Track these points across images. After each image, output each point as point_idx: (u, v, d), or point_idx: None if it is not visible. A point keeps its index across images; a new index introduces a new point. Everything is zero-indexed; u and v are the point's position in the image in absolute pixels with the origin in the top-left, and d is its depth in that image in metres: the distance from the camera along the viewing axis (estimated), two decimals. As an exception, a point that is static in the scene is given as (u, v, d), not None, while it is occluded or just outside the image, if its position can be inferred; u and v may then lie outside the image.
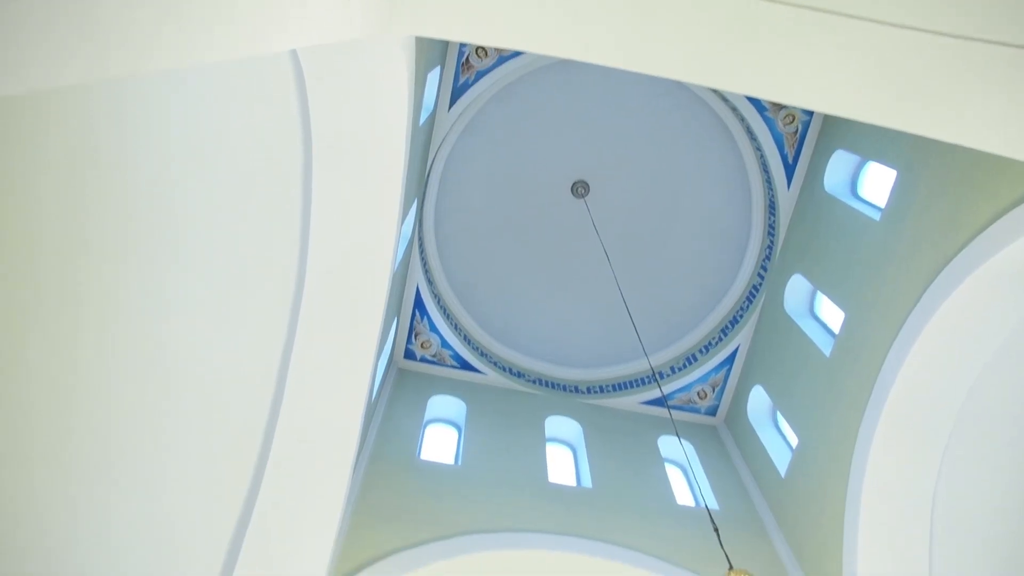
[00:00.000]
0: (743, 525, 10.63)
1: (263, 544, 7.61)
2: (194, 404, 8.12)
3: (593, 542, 9.31)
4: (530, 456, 10.99)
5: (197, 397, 8.13)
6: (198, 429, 8.06)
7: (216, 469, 7.97)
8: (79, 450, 7.84)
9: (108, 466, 7.82)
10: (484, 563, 8.88)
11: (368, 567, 8.29)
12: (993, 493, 8.87)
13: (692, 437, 12.64)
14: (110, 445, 7.90)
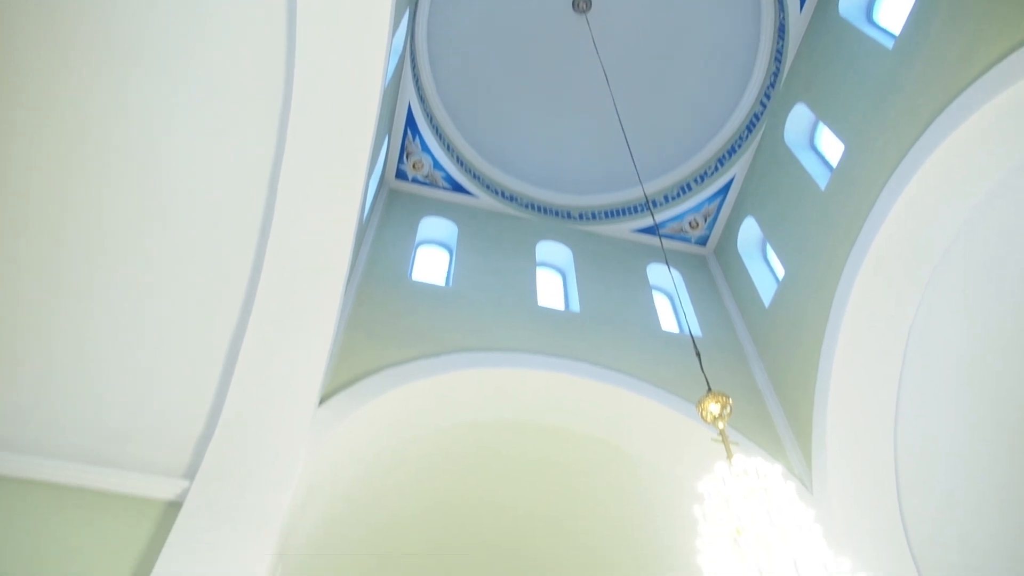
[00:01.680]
0: (724, 352, 10.98)
1: (258, 357, 7.80)
2: (186, 218, 8.04)
3: (579, 363, 9.62)
4: (520, 280, 11.12)
5: (189, 211, 8.03)
6: (190, 245, 8.03)
7: (208, 286, 8.02)
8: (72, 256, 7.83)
9: (100, 274, 7.86)
10: (472, 380, 9.19)
11: (360, 381, 8.57)
12: (965, 337, 9.11)
13: (681, 266, 12.78)
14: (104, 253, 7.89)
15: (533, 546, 11.51)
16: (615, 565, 11.11)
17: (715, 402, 5.55)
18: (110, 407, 7.55)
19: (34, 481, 7.00)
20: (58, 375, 7.56)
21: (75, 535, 6.78)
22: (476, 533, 11.38)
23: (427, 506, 10.76)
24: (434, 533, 11.18)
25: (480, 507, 10.99)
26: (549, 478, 10.54)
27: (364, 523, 10.27)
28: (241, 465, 7.31)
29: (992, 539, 8.94)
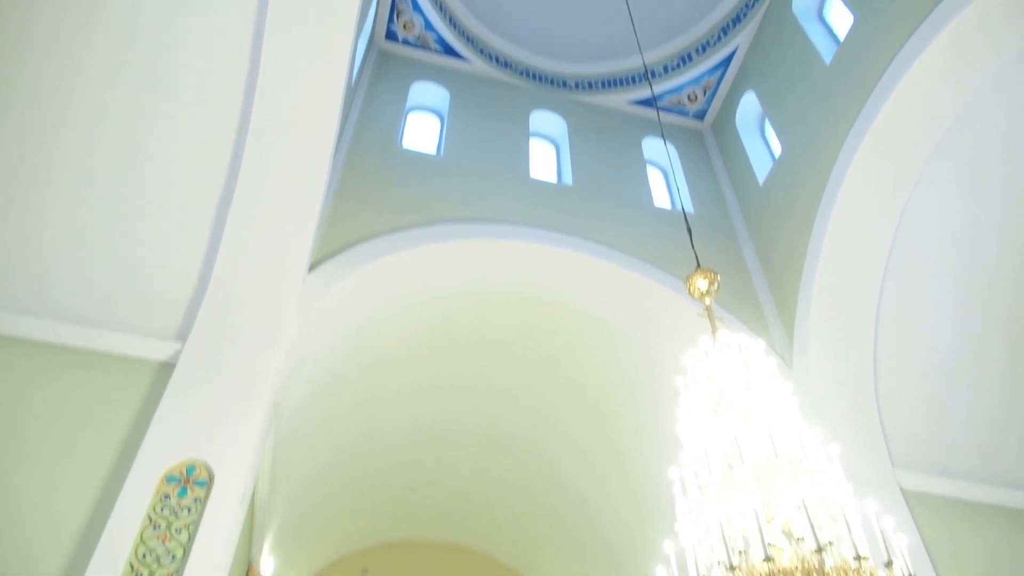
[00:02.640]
0: (716, 230, 10.97)
1: (247, 221, 7.73)
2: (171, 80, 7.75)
3: (570, 237, 9.59)
4: (513, 150, 10.92)
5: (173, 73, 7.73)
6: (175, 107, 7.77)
7: (195, 148, 7.83)
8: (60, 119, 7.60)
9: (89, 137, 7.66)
10: (462, 251, 9.18)
11: (351, 248, 8.55)
12: (958, 223, 9.09)
13: (677, 140, 12.56)
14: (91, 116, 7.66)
15: (519, 419, 11.88)
16: (601, 436, 11.52)
17: (703, 278, 5.57)
18: (100, 270, 7.53)
19: (26, 340, 7.07)
20: (48, 237, 7.49)
21: (70, 395, 6.91)
22: (464, 406, 11.72)
23: (412, 381, 11.01)
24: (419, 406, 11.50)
25: (468, 381, 11.26)
26: (536, 352, 10.74)
27: (353, 394, 10.53)
28: (232, 328, 7.38)
29: (962, 424, 9.27)
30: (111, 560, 6.18)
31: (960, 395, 9.28)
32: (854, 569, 3.66)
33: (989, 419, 9.32)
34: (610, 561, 12.75)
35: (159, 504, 6.58)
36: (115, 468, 6.67)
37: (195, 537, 6.49)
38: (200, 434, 6.79)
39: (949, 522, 8.66)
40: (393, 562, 14.24)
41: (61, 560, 6.24)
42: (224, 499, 6.68)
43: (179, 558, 6.41)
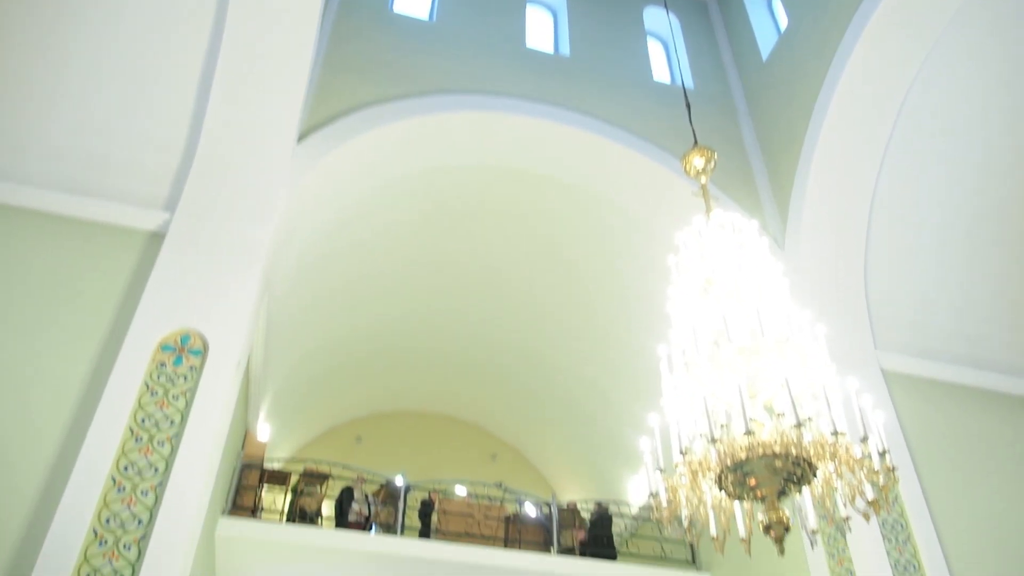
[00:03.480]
0: (715, 106, 10.72)
1: (232, 88, 7.48)
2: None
3: (565, 110, 9.36)
4: (509, 17, 10.48)
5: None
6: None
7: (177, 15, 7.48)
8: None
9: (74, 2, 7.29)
10: (454, 123, 8.98)
11: (340, 119, 8.34)
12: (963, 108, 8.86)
13: (680, 10, 12.05)
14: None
15: (510, 294, 11.98)
16: (589, 313, 11.67)
17: (700, 156, 5.47)
18: (85, 134, 7.35)
19: (9, 207, 6.99)
20: (29, 102, 7.26)
21: (61, 265, 6.90)
22: (454, 280, 11.78)
23: (402, 254, 11.00)
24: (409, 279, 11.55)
25: (459, 255, 11.27)
26: (525, 227, 10.70)
27: (344, 267, 10.55)
28: (221, 197, 7.29)
29: (947, 308, 9.39)
30: (111, 424, 6.34)
31: (947, 281, 9.36)
32: (831, 444, 3.78)
33: (973, 304, 9.46)
34: (594, 433, 13.21)
35: (155, 372, 6.70)
36: (110, 336, 6.74)
37: (192, 404, 6.65)
38: (193, 304, 6.83)
39: (925, 402, 8.93)
40: (385, 431, 14.72)
41: (62, 424, 6.40)
42: (219, 368, 6.80)
43: (177, 423, 6.58)
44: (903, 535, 7.74)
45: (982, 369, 9.43)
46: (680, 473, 3.96)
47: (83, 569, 5.87)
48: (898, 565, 7.53)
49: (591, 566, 10.22)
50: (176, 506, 6.25)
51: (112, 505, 6.15)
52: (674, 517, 4.04)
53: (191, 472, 6.37)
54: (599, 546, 10.71)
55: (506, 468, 14.59)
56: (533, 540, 10.64)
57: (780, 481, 3.78)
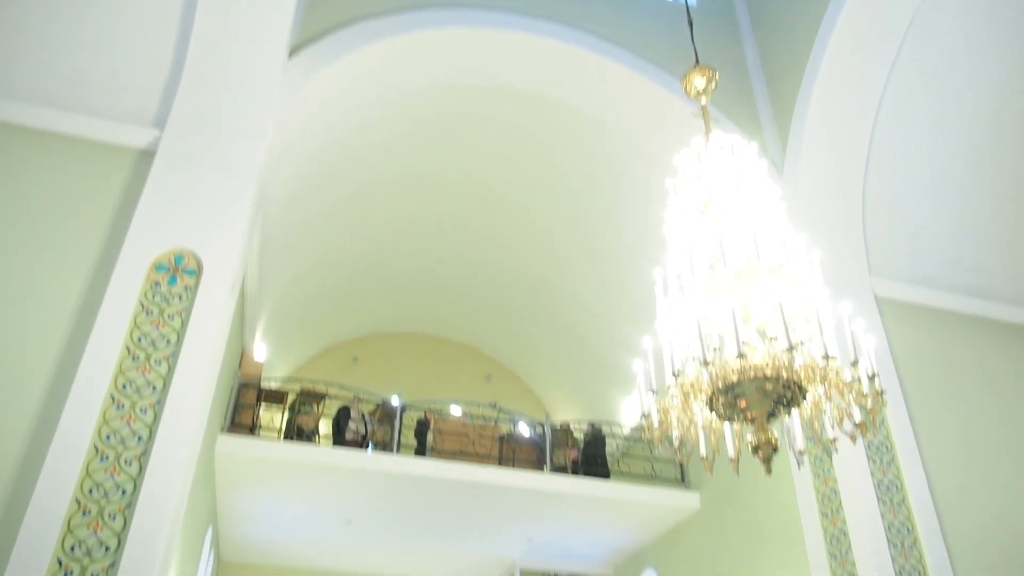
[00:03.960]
0: (718, 24, 10.44)
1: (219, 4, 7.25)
2: None
3: (564, 27, 9.11)
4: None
5: None
6: None
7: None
8: None
9: None
10: (448, 39, 8.75)
11: (332, 34, 8.12)
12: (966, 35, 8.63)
13: (683, -76, 11.64)
14: None
15: (505, 215, 11.91)
16: (585, 236, 11.63)
17: (701, 76, 5.35)
18: (71, 48, 7.14)
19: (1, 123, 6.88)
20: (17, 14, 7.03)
21: (50, 183, 6.81)
22: (449, 200, 11.69)
23: (396, 175, 10.88)
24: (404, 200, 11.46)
25: (454, 175, 11.15)
26: (522, 148, 10.56)
27: (338, 186, 10.44)
28: (212, 114, 7.14)
29: (944, 235, 9.36)
30: (108, 343, 6.37)
31: (944, 208, 9.32)
32: (821, 368, 3.82)
33: (970, 232, 9.44)
34: (588, 355, 13.37)
35: (150, 291, 6.70)
36: (103, 256, 6.71)
37: (188, 323, 6.68)
38: (186, 223, 6.79)
39: (917, 328, 9.01)
40: (381, 352, 14.87)
41: (58, 343, 6.43)
42: (214, 287, 6.80)
43: (173, 343, 6.62)
44: (887, 457, 7.93)
45: (976, 296, 9.49)
46: (672, 395, 4.01)
47: (85, 484, 6.00)
48: (881, 485, 7.73)
49: (583, 484, 10.49)
50: (175, 423, 6.34)
51: (112, 422, 6.24)
52: (665, 437, 4.11)
53: (189, 390, 6.44)
54: (591, 465, 10.96)
55: (500, 389, 14.81)
56: (527, 459, 10.88)
57: (770, 403, 3.84)
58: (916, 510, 7.63)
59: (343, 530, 11.30)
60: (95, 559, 5.82)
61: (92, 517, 5.94)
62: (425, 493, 10.15)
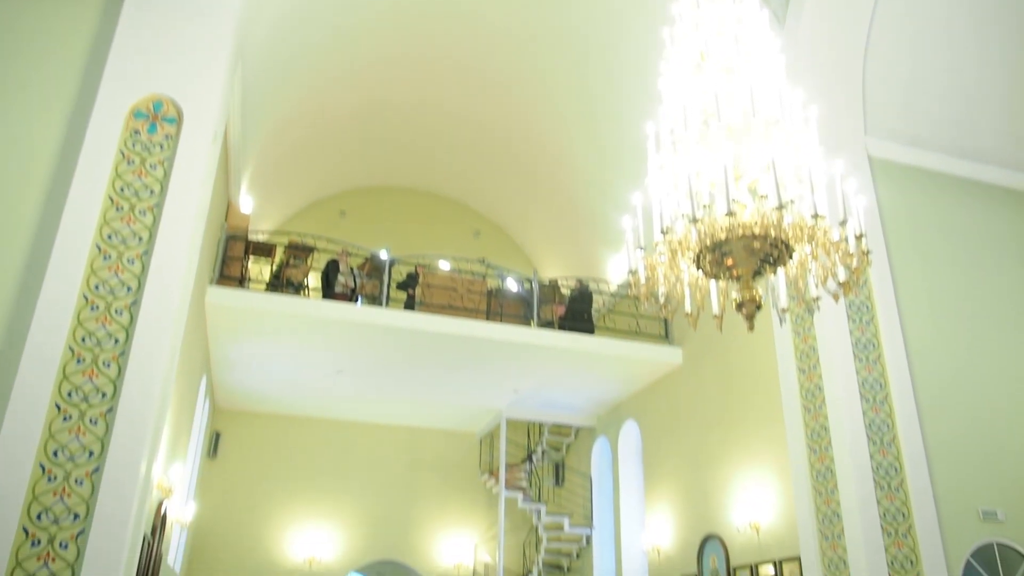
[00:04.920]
0: None
1: None
2: None
3: None
4: None
5: None
6: None
7: None
8: None
9: None
10: None
11: None
12: None
13: None
14: None
15: (497, 65, 11.49)
16: (578, 89, 11.29)
17: (705, -84, 5.00)
18: None
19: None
20: None
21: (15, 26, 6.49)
22: (438, 45, 11.23)
23: (383, 14, 10.36)
24: (391, 44, 10.99)
25: (444, 18, 10.65)
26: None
27: (320, 25, 9.98)
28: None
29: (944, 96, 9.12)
30: (90, 193, 6.29)
31: (947, 68, 9.05)
32: (809, 227, 3.81)
33: (971, 93, 9.22)
34: (577, 212, 13.33)
35: (130, 140, 6.54)
36: (79, 103, 6.52)
37: (171, 173, 6.57)
38: (163, 69, 6.55)
39: (908, 190, 8.98)
40: (369, 206, 14.76)
41: (38, 191, 6.34)
42: (195, 136, 6.64)
43: (157, 193, 6.53)
44: (867, 316, 8.10)
45: (971, 159, 9.41)
46: (659, 252, 4.01)
47: (78, 332, 6.07)
48: (858, 343, 7.95)
49: (568, 338, 10.74)
50: (163, 274, 6.36)
51: (99, 272, 6.24)
52: (651, 294, 4.15)
53: (175, 240, 6.42)
54: (577, 320, 11.18)
55: (489, 245, 14.87)
56: (514, 314, 11.08)
57: (756, 262, 3.84)
58: (890, 368, 7.89)
59: (334, 380, 11.63)
60: (92, 404, 5.98)
61: (87, 365, 6.06)
62: (414, 346, 10.38)
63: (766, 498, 8.75)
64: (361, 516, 13.25)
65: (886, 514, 7.30)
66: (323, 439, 13.50)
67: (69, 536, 5.61)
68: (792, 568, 8.10)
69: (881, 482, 7.41)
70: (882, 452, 7.54)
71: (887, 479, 7.44)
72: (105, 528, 5.66)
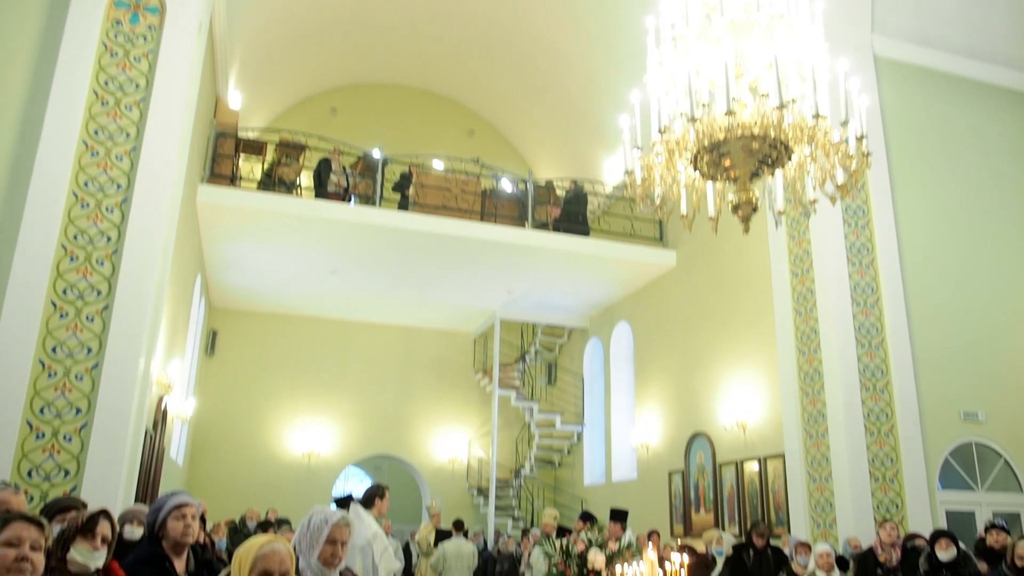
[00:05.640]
0: None
1: None
2: None
3: None
4: None
5: None
6: None
7: None
8: None
9: None
10: None
11: None
12: None
13: None
14: None
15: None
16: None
17: None
18: None
19: None
20: None
21: None
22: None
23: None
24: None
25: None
26: None
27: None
28: None
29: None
30: (72, 87, 6.13)
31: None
32: (810, 127, 3.73)
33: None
34: (574, 111, 13.07)
35: (111, 30, 6.34)
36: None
37: (156, 66, 6.40)
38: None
39: (913, 91, 8.80)
40: (360, 103, 14.43)
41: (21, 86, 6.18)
42: (179, 27, 6.44)
43: (143, 87, 6.38)
44: (863, 220, 8.09)
45: (980, 59, 9.18)
46: (657, 152, 3.94)
47: (69, 231, 6.04)
48: (853, 247, 7.97)
49: (563, 240, 10.73)
50: (152, 170, 6.29)
51: (88, 169, 6.16)
52: (647, 195, 4.10)
53: (164, 136, 6.31)
54: (572, 222, 11.14)
55: (483, 145, 14.63)
56: (508, 215, 11.02)
57: (755, 163, 3.78)
58: (883, 272, 7.93)
59: (329, 280, 11.66)
60: (88, 302, 6.01)
61: (80, 263, 6.06)
62: (408, 246, 10.36)
63: (753, 398, 8.95)
64: (358, 413, 13.55)
65: (870, 414, 7.49)
66: (319, 338, 13.66)
67: (72, 429, 5.74)
68: (776, 465, 8.37)
69: (867, 383, 7.57)
70: (869, 354, 7.68)
71: (873, 381, 7.60)
72: (107, 421, 5.79)
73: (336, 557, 2.67)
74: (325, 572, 2.65)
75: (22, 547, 1.80)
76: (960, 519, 7.51)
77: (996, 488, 7.89)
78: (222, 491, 11.55)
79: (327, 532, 2.65)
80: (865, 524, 6.93)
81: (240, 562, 2.04)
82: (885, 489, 7.30)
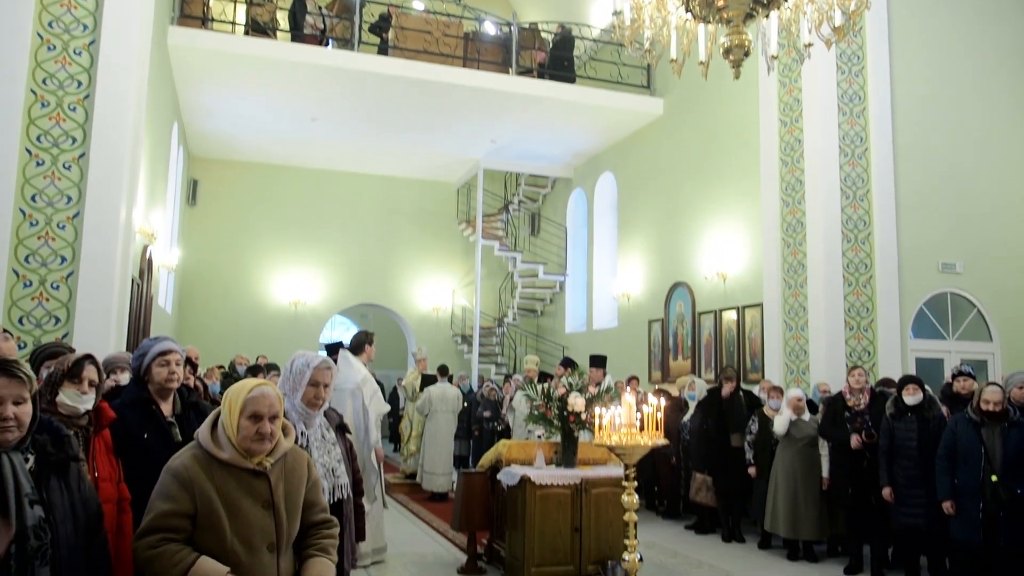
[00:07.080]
0: None
1: None
2: None
3: None
4: None
5: None
6: None
7: None
8: None
9: None
10: None
11: None
12: None
13: None
14: None
15: None
16: None
17: None
18: None
19: None
20: None
21: None
22: None
23: None
24: None
25: None
26: None
27: None
28: None
29: None
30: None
31: None
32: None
33: None
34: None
35: None
36: None
37: None
38: None
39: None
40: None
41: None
42: None
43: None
44: (857, 67, 7.89)
45: None
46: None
47: (37, 74, 5.82)
48: (845, 95, 7.82)
49: (548, 87, 10.45)
50: (118, 9, 6.01)
51: (51, 8, 5.89)
52: (636, 38, 3.96)
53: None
54: (558, 68, 10.82)
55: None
56: (492, 60, 10.66)
57: (749, 3, 3.64)
58: (873, 122, 7.83)
59: (309, 127, 11.40)
60: (64, 149, 5.89)
61: (51, 108, 5.90)
62: (388, 92, 10.07)
63: (735, 249, 9.06)
64: (343, 263, 13.64)
65: (849, 265, 7.62)
66: (301, 188, 13.53)
67: (59, 278, 5.76)
68: (754, 314, 8.59)
69: (849, 234, 7.65)
70: (853, 206, 7.71)
71: (855, 232, 7.68)
72: (93, 270, 5.81)
73: (319, 399, 2.77)
74: (309, 413, 2.76)
75: (4, 406, 1.73)
76: (929, 366, 7.81)
77: (966, 337, 8.17)
78: (213, 338, 11.77)
79: (309, 375, 2.74)
80: (837, 371, 7.19)
81: (230, 404, 2.10)
82: (859, 337, 7.54)
